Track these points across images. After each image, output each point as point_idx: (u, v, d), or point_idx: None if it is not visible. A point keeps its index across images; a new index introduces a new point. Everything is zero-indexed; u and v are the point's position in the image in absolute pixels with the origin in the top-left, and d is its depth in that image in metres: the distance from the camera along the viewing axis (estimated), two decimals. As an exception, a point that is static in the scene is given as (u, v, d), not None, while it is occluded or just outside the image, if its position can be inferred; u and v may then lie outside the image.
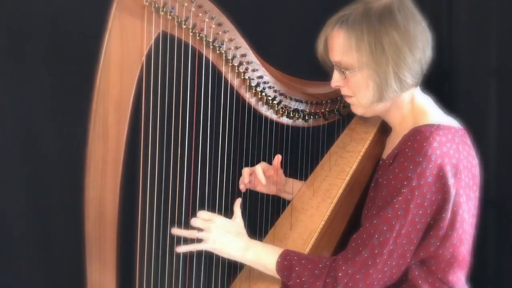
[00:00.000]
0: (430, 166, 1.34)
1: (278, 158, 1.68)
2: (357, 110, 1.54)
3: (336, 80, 1.51)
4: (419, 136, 1.37)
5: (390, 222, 1.36)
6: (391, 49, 1.39)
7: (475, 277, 1.55)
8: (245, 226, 1.54)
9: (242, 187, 1.70)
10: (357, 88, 1.47)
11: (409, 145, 1.38)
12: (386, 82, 1.41)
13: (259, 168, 1.67)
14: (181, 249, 1.49)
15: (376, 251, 1.36)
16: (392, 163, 1.41)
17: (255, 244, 1.51)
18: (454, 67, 1.80)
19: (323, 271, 1.40)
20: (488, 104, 1.76)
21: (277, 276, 1.47)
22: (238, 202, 1.56)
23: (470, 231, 1.47)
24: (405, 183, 1.35)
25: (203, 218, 1.50)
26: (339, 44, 1.45)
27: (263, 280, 1.56)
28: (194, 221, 1.49)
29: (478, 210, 1.50)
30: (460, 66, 1.80)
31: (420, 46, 1.42)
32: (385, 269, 1.37)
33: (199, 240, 1.49)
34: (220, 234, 1.49)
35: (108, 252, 1.47)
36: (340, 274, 1.37)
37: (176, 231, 1.50)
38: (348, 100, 1.54)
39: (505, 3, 1.71)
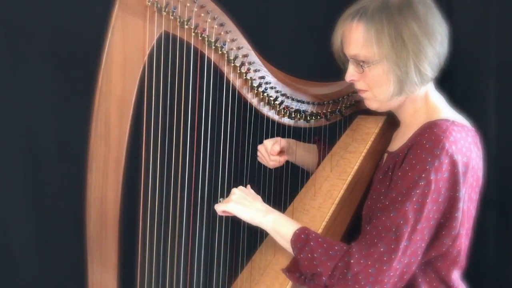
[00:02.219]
0: (447, 161, 1.33)
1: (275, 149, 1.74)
2: (372, 104, 1.53)
3: (352, 74, 1.49)
4: (436, 129, 1.36)
5: (407, 216, 1.33)
6: (412, 41, 1.38)
7: (475, 277, 1.55)
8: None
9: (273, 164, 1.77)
10: (376, 82, 1.46)
11: (426, 136, 1.36)
12: (407, 75, 1.40)
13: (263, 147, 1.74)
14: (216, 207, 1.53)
15: (392, 246, 1.33)
16: (407, 154, 1.39)
17: (276, 211, 1.53)
18: (454, 67, 1.80)
19: (337, 254, 1.37)
20: (488, 104, 1.76)
21: (289, 247, 1.45)
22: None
23: (468, 232, 1.47)
24: (423, 175, 1.33)
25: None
26: (358, 37, 1.43)
27: (263, 281, 1.56)
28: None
29: (477, 211, 1.49)
30: (460, 66, 1.80)
31: (439, 38, 1.41)
32: (398, 267, 1.34)
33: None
34: (243, 196, 1.53)
35: (109, 253, 1.47)
36: (352, 261, 1.34)
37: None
38: (363, 95, 1.53)
39: (505, 3, 1.71)
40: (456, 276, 1.46)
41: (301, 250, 1.41)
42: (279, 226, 1.49)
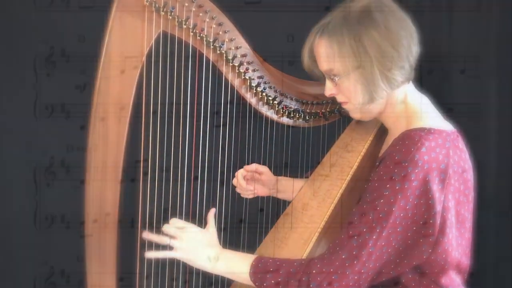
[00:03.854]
0: (416, 171, 1.32)
1: (250, 167, 1.70)
2: (355, 115, 1.54)
3: (330, 88, 1.49)
4: (408, 141, 1.36)
5: (370, 225, 1.34)
6: (373, 48, 1.37)
7: (475, 278, 1.54)
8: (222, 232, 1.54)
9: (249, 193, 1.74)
10: (349, 93, 1.46)
11: (397, 149, 1.36)
12: (374, 82, 1.40)
13: (240, 174, 1.70)
14: (150, 254, 1.46)
15: (354, 253, 1.34)
16: (378, 165, 1.40)
17: (226, 253, 1.49)
18: (454, 67, 1.80)
19: (298, 269, 1.38)
20: (488, 104, 1.76)
21: (249, 281, 1.43)
22: (212, 213, 1.53)
23: (466, 235, 1.45)
24: (388, 186, 1.34)
25: (176, 226, 1.48)
26: (323, 52, 1.44)
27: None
28: (166, 228, 1.47)
29: (477, 211, 1.49)
30: (460, 66, 1.80)
31: (404, 43, 1.39)
32: (362, 271, 1.35)
33: (170, 248, 1.46)
34: (191, 244, 1.47)
35: (108, 254, 1.47)
36: (314, 271, 1.35)
37: (147, 235, 1.46)
38: (345, 107, 1.53)
39: (505, 3, 1.71)
40: (450, 279, 1.43)
41: (263, 280, 1.41)
42: (232, 267, 1.47)
